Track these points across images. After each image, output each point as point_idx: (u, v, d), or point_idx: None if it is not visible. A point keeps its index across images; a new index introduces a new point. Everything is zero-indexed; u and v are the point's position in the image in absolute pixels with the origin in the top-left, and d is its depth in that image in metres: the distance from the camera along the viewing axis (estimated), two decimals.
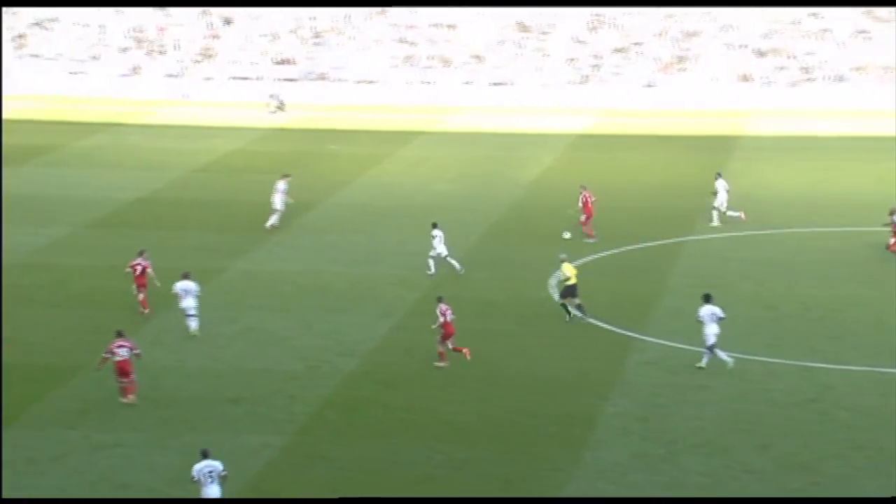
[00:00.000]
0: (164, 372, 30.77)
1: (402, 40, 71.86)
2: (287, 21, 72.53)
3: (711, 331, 30.57)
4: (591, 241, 41.38)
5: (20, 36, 71.35)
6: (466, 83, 69.78)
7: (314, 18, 72.62)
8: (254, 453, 26.58)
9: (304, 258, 40.26)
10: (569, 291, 34.30)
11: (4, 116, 62.81)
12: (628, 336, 33.29)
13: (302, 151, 57.03)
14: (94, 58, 70.76)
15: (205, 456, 23.42)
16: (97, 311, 34.89)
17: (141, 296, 34.70)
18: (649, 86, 68.42)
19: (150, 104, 66.75)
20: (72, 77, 69.50)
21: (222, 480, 23.26)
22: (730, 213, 43.85)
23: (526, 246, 42.06)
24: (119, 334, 29.05)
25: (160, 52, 71.34)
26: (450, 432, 27.79)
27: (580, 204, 42.04)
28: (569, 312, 34.30)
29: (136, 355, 28.79)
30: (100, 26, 72.00)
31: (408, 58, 71.03)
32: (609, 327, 34.04)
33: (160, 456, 26.18)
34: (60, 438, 26.92)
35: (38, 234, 41.70)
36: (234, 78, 69.80)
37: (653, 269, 39.24)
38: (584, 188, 42.57)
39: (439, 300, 31.75)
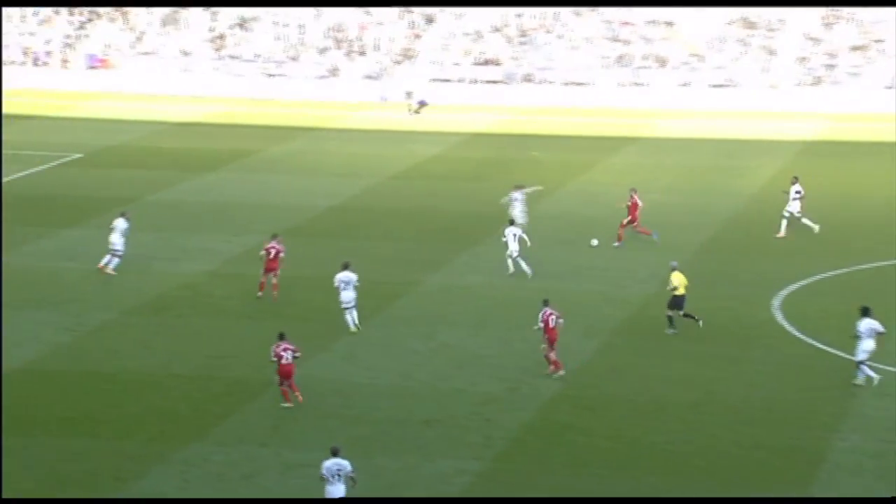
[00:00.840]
0: (357, 389, 31.27)
1: (614, 38, 71.45)
2: (492, 19, 73.03)
3: (866, 347, 30.23)
4: (617, 244, 41.68)
5: (220, 37, 73.91)
6: (684, 85, 68.89)
7: (520, 16, 72.92)
8: (448, 479, 26.71)
9: (504, 271, 40.33)
10: (675, 303, 34.20)
11: (202, 119, 65.21)
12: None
13: (504, 158, 57.26)
14: (292, 59, 72.75)
15: (335, 454, 24.28)
16: (290, 323, 35.68)
17: (274, 280, 36.70)
18: (891, 87, 66.11)
19: (347, 107, 68.16)
20: (269, 79, 71.56)
21: (349, 480, 23.99)
22: (805, 221, 42.92)
23: (747, 262, 41.18)
24: (281, 337, 30.02)
25: (360, 53, 72.83)
26: (659, 463, 27.37)
27: (628, 204, 42.32)
28: (672, 325, 34.25)
29: (297, 358, 29.81)
30: (299, 26, 74.00)
31: (620, 57, 70.58)
32: (840, 353, 32.96)
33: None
34: (252, 456, 27.59)
35: (231, 243, 43.00)
36: (435, 80, 70.68)
37: (890, 290, 37.84)
38: (635, 191, 42.77)
39: (545, 303, 31.87)
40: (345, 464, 24.19)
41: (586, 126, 63.81)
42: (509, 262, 39.24)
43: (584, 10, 72.37)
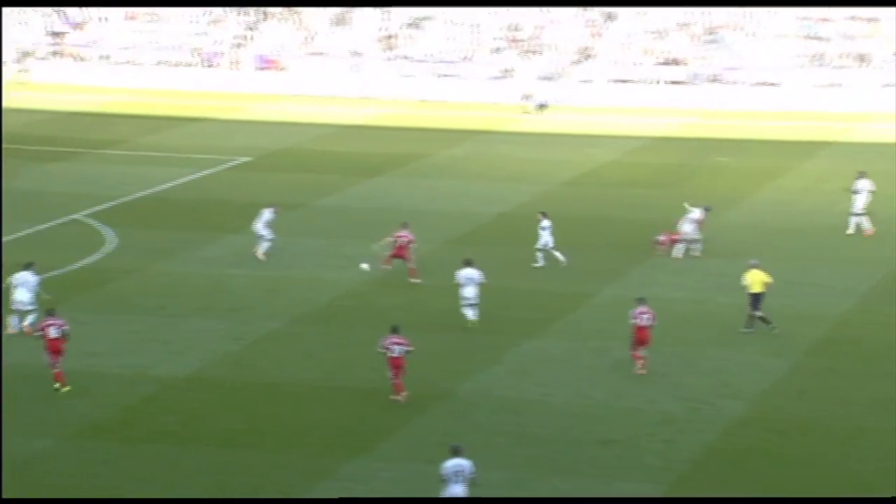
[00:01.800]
0: (530, 406, 31.28)
1: (810, 36, 70.05)
2: (676, 16, 72.33)
3: None
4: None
5: (390, 36, 74.83)
6: (887, 86, 67.12)
7: (707, 13, 72.07)
8: None
9: (686, 284, 39.90)
10: (751, 301, 34.98)
11: (371, 122, 66.10)
12: None
13: (687, 164, 56.62)
14: (465, 59, 73.20)
15: (456, 453, 24.72)
16: (458, 334, 35.96)
17: (410, 265, 39.12)
18: None
19: (515, 110, 68.26)
20: (440, 80, 72.07)
21: (469, 482, 24.39)
22: (862, 222, 43.06)
23: None
24: (394, 330, 30.99)
25: (535, 53, 72.92)
26: (858, 490, 26.71)
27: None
28: (764, 321, 34.87)
29: (408, 352, 30.76)
30: (473, 25, 74.44)
31: (817, 56, 69.15)
32: None
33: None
34: (419, 473, 27.76)
35: None
36: (614, 80, 70.31)
37: None
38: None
39: (640, 302, 32.53)
40: (465, 464, 24.58)
41: (777, 130, 62.68)
42: (539, 254, 40.92)
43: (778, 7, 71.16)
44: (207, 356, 34.27)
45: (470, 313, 36.08)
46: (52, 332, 31.34)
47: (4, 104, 67.54)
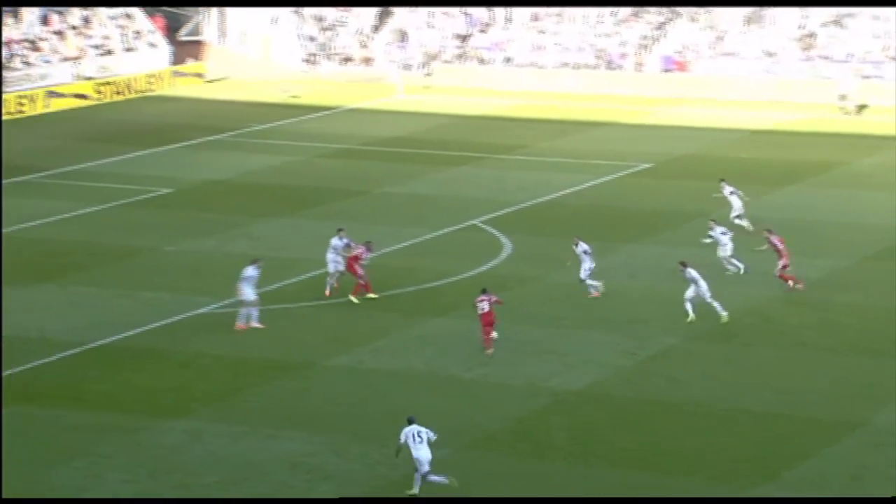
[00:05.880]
0: None
1: None
2: None
3: None
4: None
5: (809, 35, 73.02)
6: None
7: None
8: None
9: None
10: None
11: (781, 127, 64.69)
12: None
13: None
14: (892, 59, 70.49)
15: (410, 423, 27.18)
16: (875, 359, 34.67)
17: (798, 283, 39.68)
18: None
19: None
20: (863, 81, 69.60)
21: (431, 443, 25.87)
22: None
23: None
24: (483, 291, 33.97)
25: None
26: None
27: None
28: None
29: (496, 302, 34.28)
30: None
31: None
32: None
33: None
34: None
35: (806, 266, 42.32)
36: None
37: None
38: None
39: None
40: (421, 428, 26.89)
41: None
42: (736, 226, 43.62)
43: None
44: (601, 370, 34.47)
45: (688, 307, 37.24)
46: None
47: (408, 108, 70.43)
